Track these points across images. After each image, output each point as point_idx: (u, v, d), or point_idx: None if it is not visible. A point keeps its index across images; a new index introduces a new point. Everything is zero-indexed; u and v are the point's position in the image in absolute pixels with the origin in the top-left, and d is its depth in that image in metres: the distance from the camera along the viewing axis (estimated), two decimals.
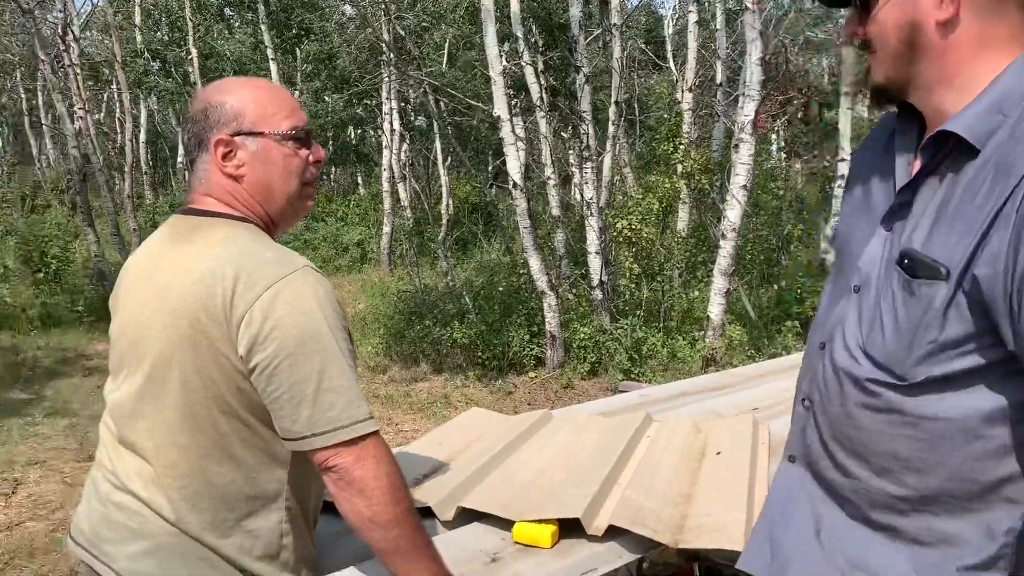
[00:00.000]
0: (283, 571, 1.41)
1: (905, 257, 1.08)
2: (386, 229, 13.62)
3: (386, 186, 13.64)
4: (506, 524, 1.80)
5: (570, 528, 1.76)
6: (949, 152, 1.08)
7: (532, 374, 6.94)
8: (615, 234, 7.52)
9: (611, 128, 8.56)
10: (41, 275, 10.67)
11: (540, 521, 1.75)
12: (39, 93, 21.29)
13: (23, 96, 22.82)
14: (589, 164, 7.27)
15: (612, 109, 8.54)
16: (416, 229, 12.46)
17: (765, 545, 1.35)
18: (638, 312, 7.24)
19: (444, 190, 13.49)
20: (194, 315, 1.34)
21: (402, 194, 13.85)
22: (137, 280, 1.48)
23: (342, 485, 1.33)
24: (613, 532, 1.74)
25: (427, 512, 1.84)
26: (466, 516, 1.87)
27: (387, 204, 13.61)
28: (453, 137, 13.27)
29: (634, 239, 7.31)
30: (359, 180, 23.18)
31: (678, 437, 2.38)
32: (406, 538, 1.35)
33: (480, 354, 7.19)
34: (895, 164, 1.16)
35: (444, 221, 12.71)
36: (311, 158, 1.49)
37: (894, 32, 1.10)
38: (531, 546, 1.72)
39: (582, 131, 7.30)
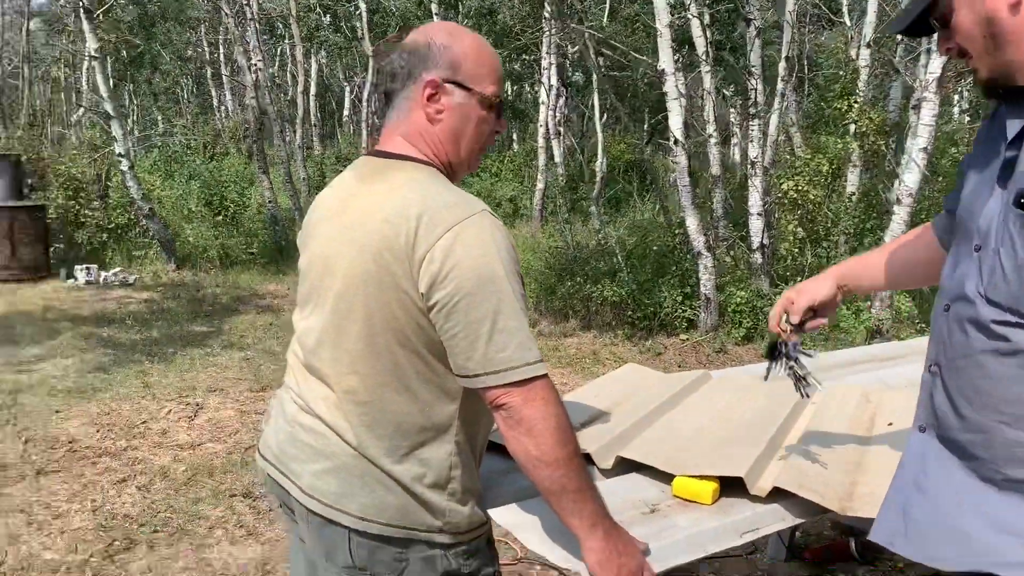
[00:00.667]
0: (451, 500, 1.46)
1: (1020, 196, 1.12)
2: (539, 185, 13.68)
3: (541, 142, 13.66)
4: (665, 477, 1.79)
5: (731, 487, 1.73)
6: None
7: (683, 336, 6.83)
8: (780, 195, 7.22)
9: (780, 84, 8.16)
10: (220, 218, 11.44)
11: (701, 477, 1.73)
12: (220, 47, 22.65)
13: (206, 49, 24.31)
14: (756, 121, 6.98)
15: (782, 64, 8.13)
16: (569, 185, 12.44)
17: (898, 517, 1.32)
18: (799, 279, 6.95)
19: (600, 147, 13.35)
20: (379, 252, 1.39)
21: (556, 151, 13.84)
22: (327, 217, 1.55)
23: (511, 424, 1.36)
24: (776, 495, 1.70)
25: (585, 459, 1.85)
26: (624, 467, 1.88)
27: (541, 160, 13.65)
28: (612, 93, 13.06)
29: (800, 201, 6.99)
30: (514, 136, 23.35)
31: (848, 406, 2.28)
32: (571, 479, 1.37)
33: (630, 313, 7.13)
34: (1005, 130, 1.21)
35: (598, 178, 12.60)
36: (496, 128, 1.55)
37: (975, 30, 1.19)
38: (691, 501, 1.71)
39: (750, 87, 7.01)
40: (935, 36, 1.30)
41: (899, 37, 8.78)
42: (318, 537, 1.50)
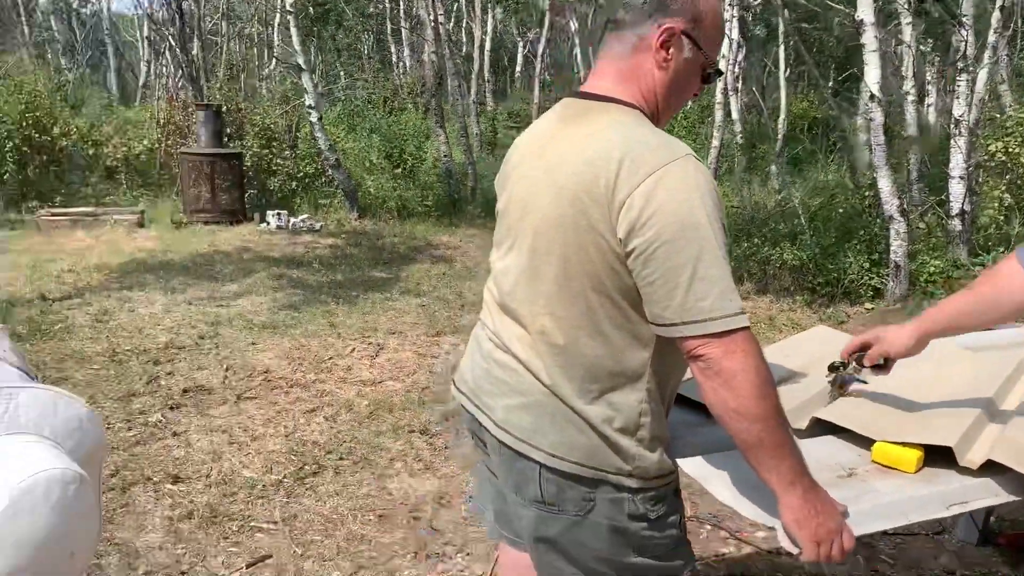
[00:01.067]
0: (639, 446, 1.46)
1: None
2: (715, 143, 13.24)
3: (719, 98, 13.18)
4: (864, 442, 1.71)
5: (935, 458, 1.63)
6: None
7: (868, 305, 6.46)
8: (986, 158, 6.62)
9: (992, 37, 7.44)
10: (399, 171, 11.87)
11: (904, 444, 1.63)
12: (400, 3, 23.27)
13: (387, 6, 25.04)
14: (963, 76, 6.40)
15: (995, 15, 7.40)
16: (748, 143, 11.96)
17: None
18: (1002, 250, 6.38)
19: (783, 103, 12.73)
20: (577, 195, 1.38)
21: (733, 107, 13.32)
22: (527, 158, 1.56)
23: (709, 375, 1.33)
24: (990, 468, 1.59)
25: None
26: (819, 428, 1.81)
27: (718, 117, 13.16)
28: (801, 44, 12.38)
29: (1010, 165, 6.39)
30: None
31: None
32: (770, 433, 1.33)
33: (811, 278, 6.82)
34: None
35: (780, 136, 12.05)
36: (696, 91, 1.54)
37: None
38: (892, 468, 1.62)
39: (958, 38, 6.43)
40: None
41: None
42: (509, 470, 1.54)
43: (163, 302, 6.16)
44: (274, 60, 22.50)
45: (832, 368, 1.94)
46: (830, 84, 16.76)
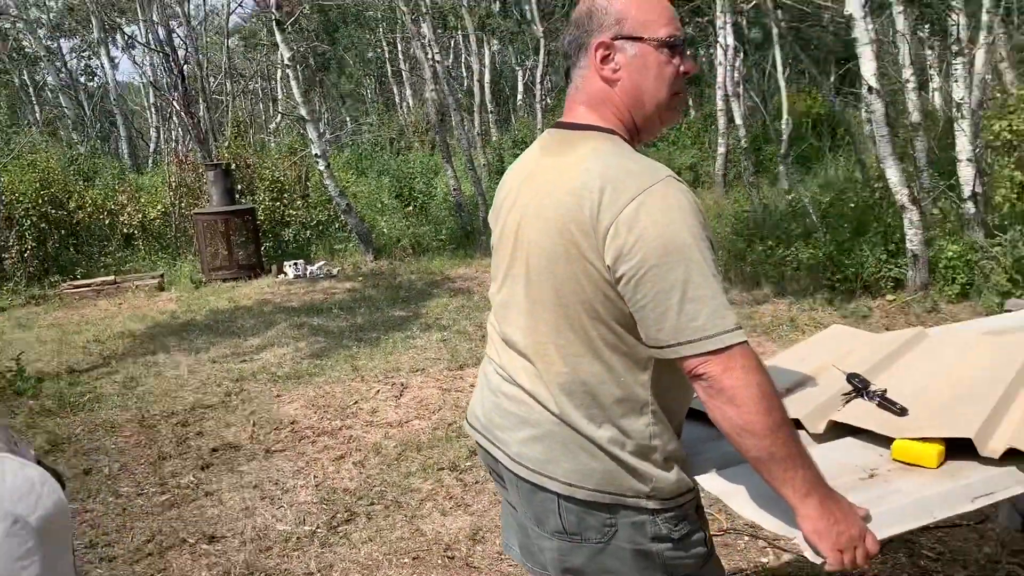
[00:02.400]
0: (655, 467, 1.46)
1: None
2: (720, 150, 13.27)
3: (720, 104, 13.23)
4: (883, 441, 1.69)
5: (958, 450, 1.61)
6: None
7: (890, 297, 6.39)
8: (992, 138, 6.57)
9: (985, 17, 7.41)
10: (410, 208, 11.98)
11: (924, 440, 1.62)
12: (398, 44, 23.58)
13: (386, 49, 25.39)
14: (960, 59, 6.38)
15: None
16: (753, 146, 11.96)
17: None
18: (1019, 227, 6.31)
19: (784, 103, 12.74)
20: (565, 226, 1.40)
21: (736, 112, 13.34)
22: (514, 191, 1.59)
23: (712, 393, 1.33)
24: (1012, 456, 1.56)
25: (795, 424, 1.79)
26: (838, 431, 1.79)
27: (721, 123, 13.22)
28: (796, 44, 12.39)
29: (1015, 142, 6.33)
30: (690, 102, 22.74)
31: None
32: (779, 446, 1.32)
33: (829, 276, 6.77)
34: None
35: (784, 137, 12.04)
36: (682, 68, 1.50)
37: None
38: (913, 464, 1.60)
39: (951, 22, 6.42)
40: None
41: None
42: (528, 503, 1.54)
43: (188, 363, 6.23)
44: (279, 114, 22.83)
45: (850, 379, 1.92)
46: (831, 80, 16.73)
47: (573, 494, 1.46)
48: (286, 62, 10.91)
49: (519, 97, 24.36)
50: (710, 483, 1.58)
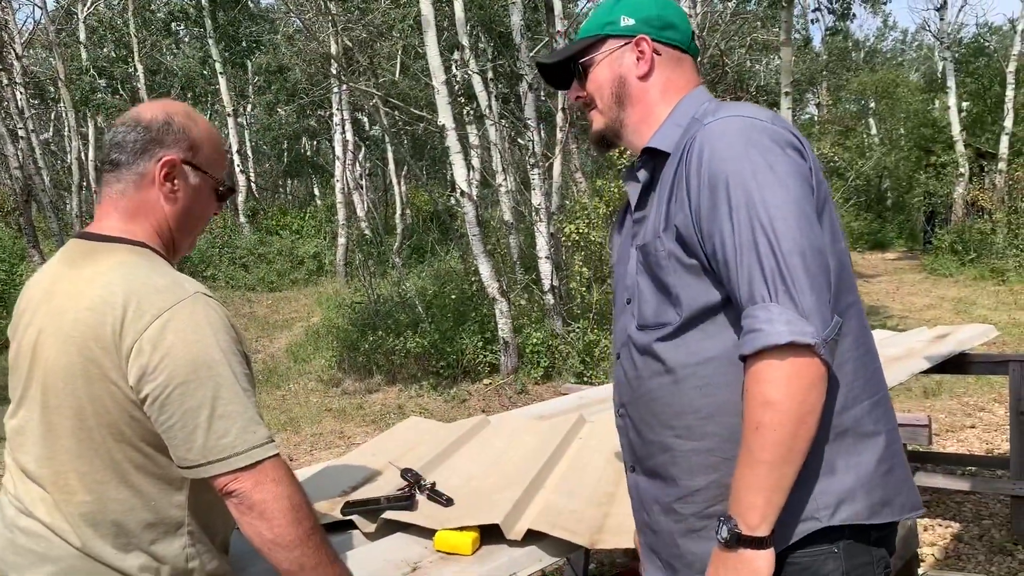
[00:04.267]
0: None
1: (642, 247, 1.34)
2: (341, 240, 13.57)
3: (340, 197, 13.60)
4: (429, 533, 1.80)
5: (494, 534, 1.77)
6: (658, 165, 1.36)
7: (487, 381, 6.95)
8: (564, 238, 7.57)
9: (559, 134, 8.62)
10: None
11: (462, 529, 1.76)
12: None
13: None
14: (536, 170, 7.31)
15: (560, 115, 8.60)
16: (370, 239, 12.43)
17: (652, 556, 1.40)
18: (590, 315, 7.29)
19: (398, 200, 13.47)
20: (84, 343, 1.32)
21: (358, 205, 13.81)
22: (32, 306, 1.46)
23: (243, 509, 1.33)
24: (534, 536, 1.75)
25: (350, 525, 1.85)
26: (390, 527, 1.88)
27: (341, 215, 13.57)
28: (408, 147, 13.24)
29: (582, 243, 7.37)
30: (315, 192, 23.05)
31: (609, 437, 2.40)
32: (309, 556, 1.35)
33: (434, 363, 7.19)
34: (630, 203, 1.43)
35: (399, 231, 12.69)
36: (215, 211, 1.58)
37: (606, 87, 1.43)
38: (453, 553, 1.73)
39: (527, 138, 7.35)
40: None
41: None
42: None
43: None
44: None
45: (404, 475, 2.03)
46: (449, 177, 18.08)
47: None
48: None
49: None
50: None
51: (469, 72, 8.18)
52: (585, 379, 6.25)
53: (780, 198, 1.17)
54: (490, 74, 9.43)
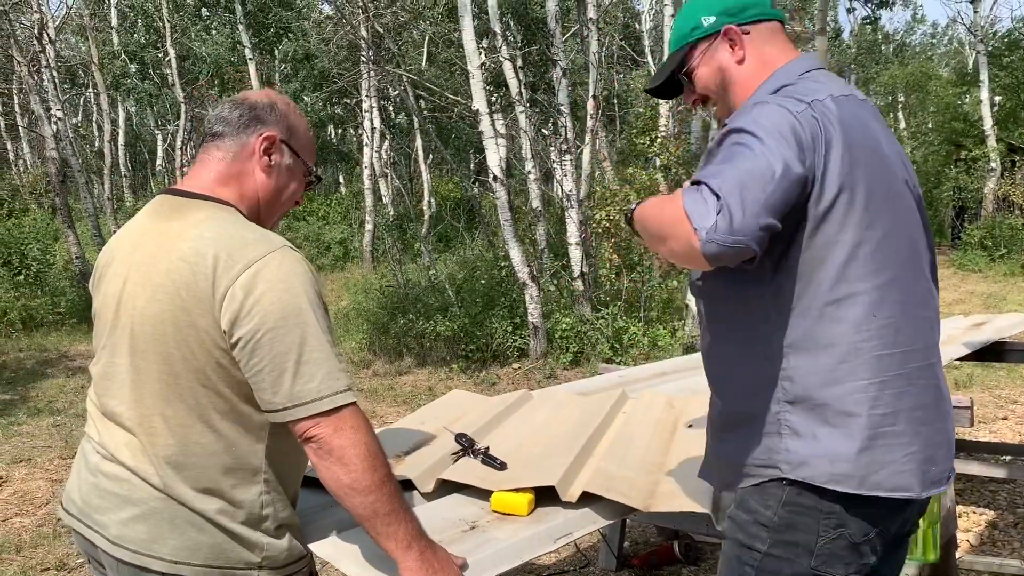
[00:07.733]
0: (267, 535, 1.46)
1: None
2: (368, 227, 13.66)
3: (367, 183, 13.68)
4: (485, 495, 1.85)
5: (547, 497, 1.82)
6: None
7: (515, 365, 7.00)
8: (594, 226, 7.60)
9: (589, 122, 8.63)
10: (21, 278, 10.61)
11: (517, 490, 1.81)
12: (15, 96, 21.15)
13: None
14: (568, 157, 7.33)
15: (590, 103, 8.61)
16: (397, 225, 12.50)
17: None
18: (618, 302, 7.31)
19: (425, 187, 13.52)
20: (176, 291, 1.39)
21: (384, 192, 13.88)
22: (118, 258, 1.52)
23: (322, 454, 1.38)
24: (588, 499, 1.80)
25: (409, 485, 1.90)
26: (447, 488, 1.93)
27: (368, 202, 13.66)
28: (434, 134, 13.29)
29: (613, 231, 7.39)
30: (340, 179, 23.16)
31: (652, 411, 2.45)
32: (383, 502, 1.40)
33: (463, 346, 7.24)
34: None
35: (426, 217, 12.74)
36: (298, 199, 1.66)
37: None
38: (508, 514, 1.78)
39: (560, 124, 7.37)
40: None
41: None
42: None
43: None
44: None
45: (458, 439, 2.09)
46: (472, 165, 18.12)
47: (179, 572, 1.41)
48: None
49: (158, 162, 23.04)
50: (321, 549, 1.62)
51: (501, 59, 8.20)
52: (615, 364, 6.27)
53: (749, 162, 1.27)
54: (519, 61, 9.41)
